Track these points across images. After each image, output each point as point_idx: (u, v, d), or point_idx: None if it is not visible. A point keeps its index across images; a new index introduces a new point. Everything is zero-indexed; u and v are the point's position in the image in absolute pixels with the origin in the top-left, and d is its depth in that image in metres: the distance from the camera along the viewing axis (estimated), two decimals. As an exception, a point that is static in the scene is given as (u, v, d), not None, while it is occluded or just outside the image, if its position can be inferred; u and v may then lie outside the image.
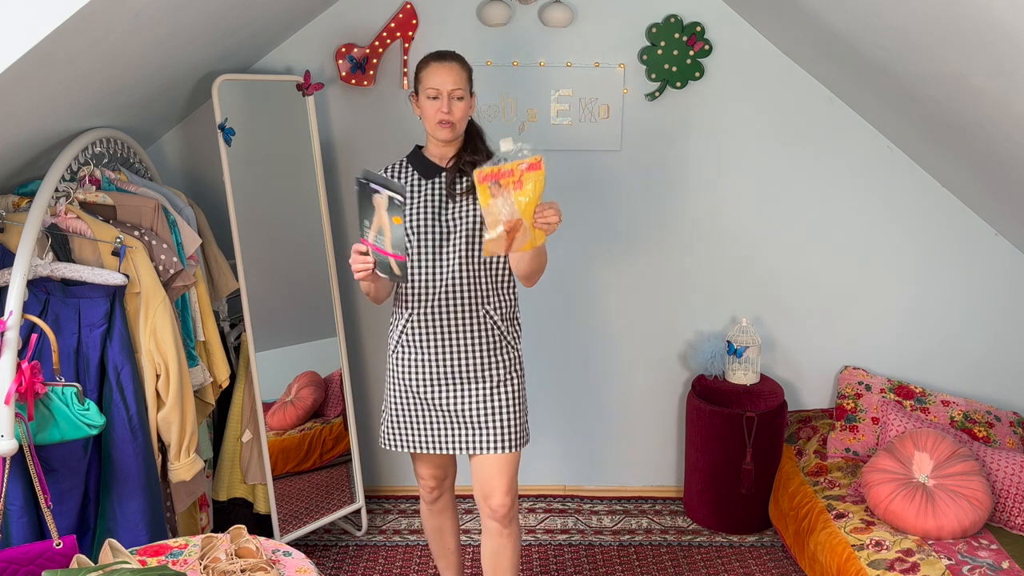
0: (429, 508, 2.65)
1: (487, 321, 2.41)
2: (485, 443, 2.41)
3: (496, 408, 2.42)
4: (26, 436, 1.98)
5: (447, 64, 2.36)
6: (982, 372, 3.55)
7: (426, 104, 2.36)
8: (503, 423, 2.42)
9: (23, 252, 2.13)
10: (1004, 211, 3.21)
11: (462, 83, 2.35)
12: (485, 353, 2.41)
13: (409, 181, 2.43)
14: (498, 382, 2.43)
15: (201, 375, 2.70)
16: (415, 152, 2.48)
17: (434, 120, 2.35)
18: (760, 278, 3.52)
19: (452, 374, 2.40)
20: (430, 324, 2.39)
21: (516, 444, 2.43)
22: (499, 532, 2.48)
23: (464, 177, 2.39)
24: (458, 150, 2.43)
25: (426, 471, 2.57)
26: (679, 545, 3.34)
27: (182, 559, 2.06)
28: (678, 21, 3.24)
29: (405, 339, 2.43)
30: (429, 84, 2.35)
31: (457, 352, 2.40)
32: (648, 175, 3.43)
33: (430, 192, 2.40)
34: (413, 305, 2.40)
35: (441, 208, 2.38)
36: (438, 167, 2.42)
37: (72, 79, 2.13)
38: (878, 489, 2.84)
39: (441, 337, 2.39)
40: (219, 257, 3.01)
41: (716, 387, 3.42)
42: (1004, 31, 1.93)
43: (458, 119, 2.36)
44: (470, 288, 2.38)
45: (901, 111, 3.01)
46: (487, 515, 2.49)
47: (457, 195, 2.38)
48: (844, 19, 2.59)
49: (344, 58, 3.24)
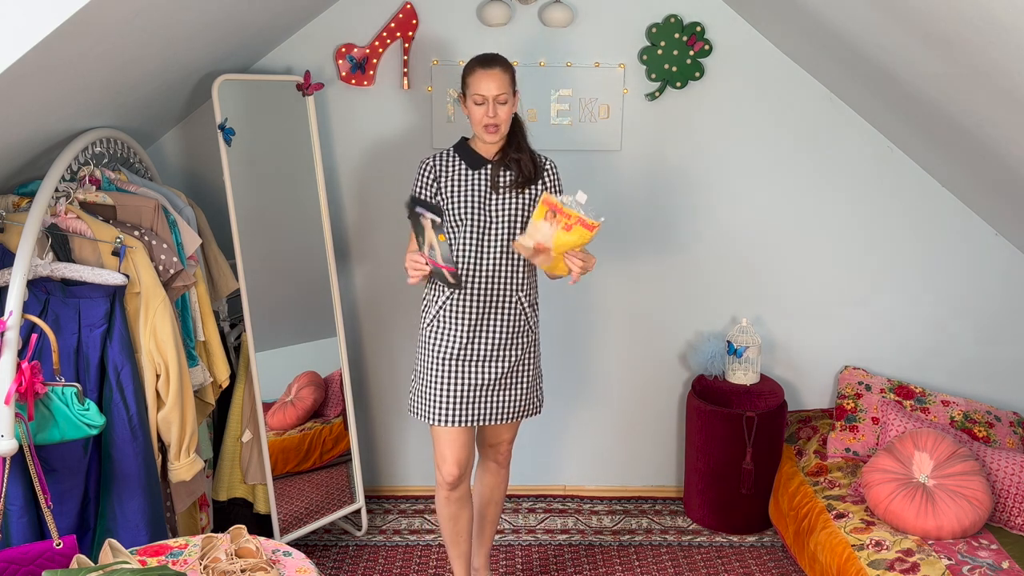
0: (447, 496, 2.73)
1: (518, 307, 2.63)
2: (503, 413, 2.68)
3: (515, 383, 2.67)
4: (26, 436, 1.98)
5: (491, 71, 2.51)
6: (982, 372, 3.55)
7: (473, 109, 2.53)
8: (519, 396, 2.69)
9: (23, 252, 2.13)
10: (1004, 211, 3.21)
11: (506, 87, 2.51)
12: (511, 335, 2.63)
13: (456, 170, 2.60)
14: (517, 359, 2.66)
15: (201, 375, 2.70)
16: (462, 144, 2.65)
17: (480, 124, 2.53)
18: (760, 278, 3.52)
19: (478, 351, 2.61)
20: (467, 306, 2.58)
21: (529, 412, 2.74)
22: (497, 471, 2.87)
23: (508, 171, 2.59)
24: (503, 145, 2.61)
25: (450, 454, 2.67)
26: (679, 545, 3.34)
27: (182, 559, 2.06)
28: (678, 21, 3.24)
29: (442, 315, 2.60)
30: (475, 91, 2.51)
31: (488, 332, 2.60)
32: (648, 175, 3.43)
33: (476, 183, 2.58)
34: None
35: (485, 198, 2.57)
36: (484, 159, 2.60)
37: (72, 79, 2.13)
38: (878, 489, 2.84)
39: (477, 317, 2.58)
40: (219, 257, 3.01)
41: (716, 387, 3.42)
42: (1004, 31, 1.92)
43: (503, 121, 2.54)
44: (508, 276, 2.60)
45: (901, 111, 3.01)
46: (489, 458, 2.85)
47: (501, 188, 2.58)
48: (844, 19, 2.59)
49: (344, 58, 3.24)
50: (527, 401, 2.71)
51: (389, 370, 3.57)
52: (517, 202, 2.58)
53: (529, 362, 2.69)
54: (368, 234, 3.45)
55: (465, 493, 2.75)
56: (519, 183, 2.58)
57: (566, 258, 2.43)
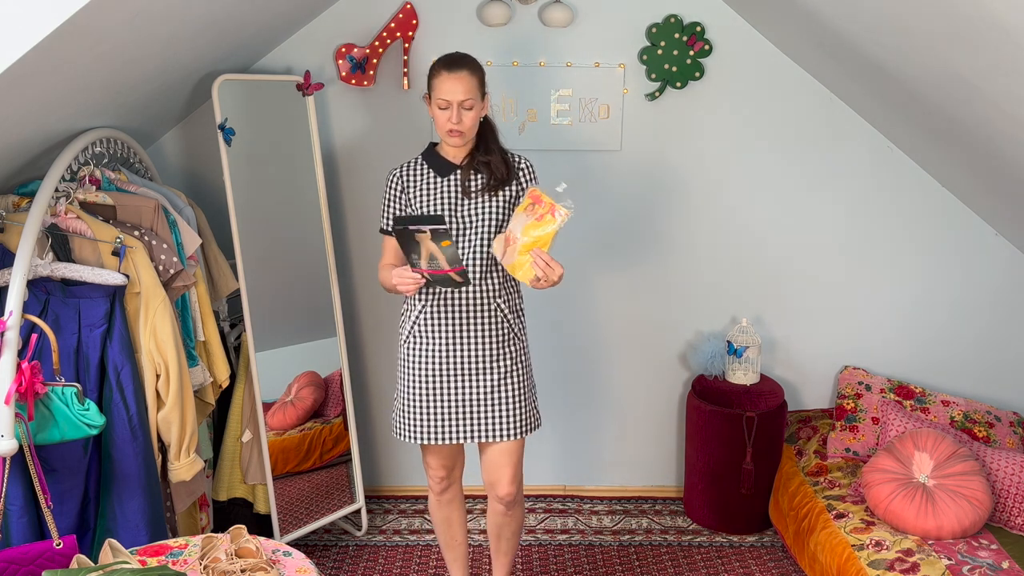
0: (438, 499, 2.70)
1: (498, 314, 2.49)
2: (491, 431, 2.51)
3: (502, 398, 2.50)
4: (26, 436, 1.98)
5: (457, 74, 2.36)
6: (982, 372, 3.55)
7: (437, 113, 2.40)
8: (508, 412, 2.51)
9: (23, 252, 2.13)
10: (1004, 211, 3.21)
11: (472, 92, 2.37)
12: (494, 345, 2.49)
13: (425, 178, 2.49)
14: (505, 373, 2.51)
15: (201, 375, 2.70)
16: (430, 150, 2.53)
17: (444, 130, 2.41)
18: (760, 278, 3.52)
19: (461, 364, 2.48)
20: (443, 315, 2.46)
21: (520, 431, 2.53)
22: (503, 512, 2.65)
23: (478, 175, 2.47)
24: (471, 149, 2.48)
25: (435, 461, 2.61)
26: (679, 545, 3.34)
27: (182, 559, 2.06)
28: (678, 21, 3.24)
29: (418, 329, 2.49)
30: (439, 94, 2.37)
31: (468, 343, 2.47)
32: (648, 175, 3.43)
33: (445, 189, 2.47)
34: (428, 297, 2.48)
35: (457, 204, 2.45)
36: (453, 165, 2.48)
37: (72, 79, 2.13)
38: (878, 489, 2.84)
39: (453, 328, 2.46)
40: (219, 257, 3.01)
41: (716, 387, 3.42)
42: (1004, 31, 1.92)
43: (467, 128, 2.40)
44: (483, 283, 2.46)
45: (901, 111, 3.01)
46: (493, 498, 2.64)
47: (472, 193, 2.45)
48: (844, 19, 2.59)
49: (344, 58, 3.24)
50: (519, 417, 2.52)
51: (389, 370, 3.57)
52: (490, 205, 2.45)
53: (519, 375, 2.53)
54: (368, 234, 3.44)
55: (456, 495, 2.71)
56: (492, 186, 2.45)
57: (534, 258, 2.28)
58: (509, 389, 2.51)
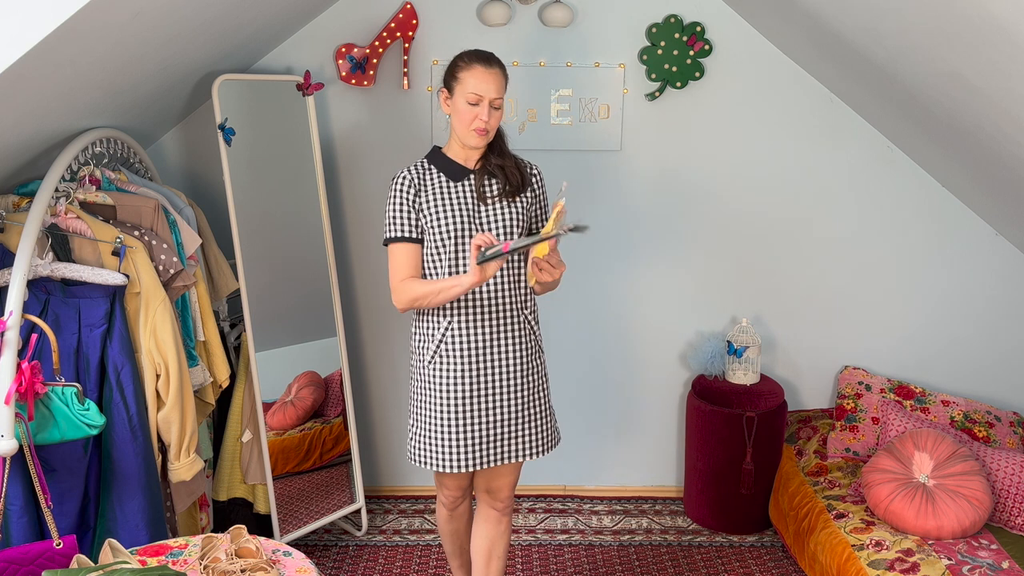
0: (450, 514, 2.64)
1: (527, 326, 2.40)
2: (523, 450, 2.42)
3: (532, 415, 2.42)
4: (26, 436, 1.98)
5: (493, 71, 2.26)
6: (982, 372, 3.55)
7: (463, 108, 2.27)
8: (537, 429, 2.43)
9: (23, 252, 2.13)
10: (1004, 211, 3.21)
11: (503, 91, 2.28)
12: (525, 359, 2.39)
13: (436, 183, 2.34)
14: (534, 389, 2.42)
15: (201, 375, 2.70)
16: (436, 153, 2.39)
17: (470, 126, 2.27)
18: (760, 278, 3.52)
19: (492, 383, 2.36)
20: (473, 331, 2.32)
21: (548, 447, 2.47)
22: (498, 520, 2.57)
23: (493, 180, 2.36)
24: (483, 152, 2.37)
25: (453, 483, 2.53)
26: (679, 545, 3.34)
27: (182, 559, 2.06)
28: (678, 21, 3.24)
29: (445, 348, 2.33)
30: (472, 88, 2.24)
31: (501, 359, 2.35)
32: (648, 175, 3.43)
33: (460, 194, 2.34)
34: (454, 312, 2.33)
35: (473, 211, 2.33)
36: (465, 169, 2.36)
37: (72, 79, 2.13)
38: (878, 489, 2.84)
39: (485, 344, 2.33)
40: (219, 257, 3.01)
41: (716, 387, 3.42)
42: (1004, 31, 1.93)
43: (493, 127, 2.30)
44: (511, 292, 2.35)
45: (901, 111, 3.01)
46: (488, 504, 2.56)
47: (488, 198, 2.34)
48: (844, 19, 2.59)
49: (344, 58, 3.24)
50: (544, 435, 2.44)
51: (389, 370, 3.57)
52: (508, 212, 2.34)
53: (543, 391, 2.45)
54: (368, 234, 3.45)
55: (467, 509, 2.67)
56: (508, 192, 2.35)
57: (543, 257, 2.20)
58: (538, 405, 2.43)
